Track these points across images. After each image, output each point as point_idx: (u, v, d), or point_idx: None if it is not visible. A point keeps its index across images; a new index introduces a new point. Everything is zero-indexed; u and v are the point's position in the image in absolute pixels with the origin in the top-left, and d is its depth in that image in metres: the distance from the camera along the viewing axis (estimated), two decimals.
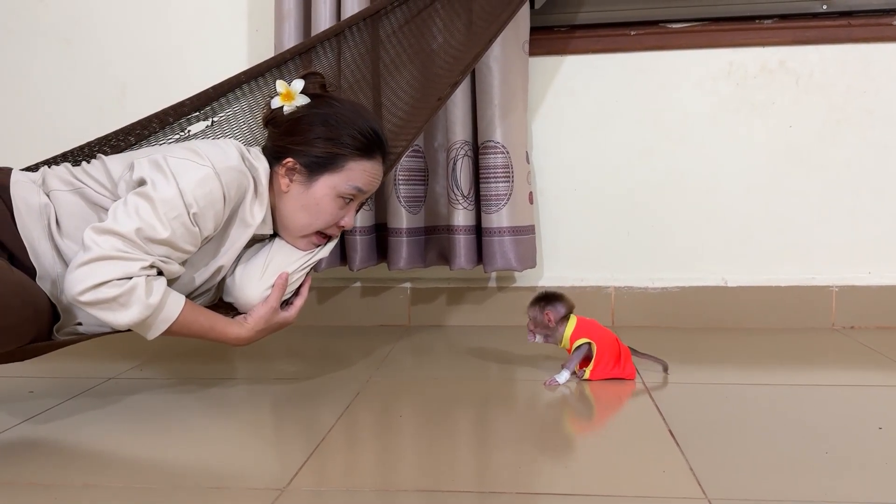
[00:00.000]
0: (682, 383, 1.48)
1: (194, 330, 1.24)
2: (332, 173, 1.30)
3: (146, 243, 1.14)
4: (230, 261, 1.31)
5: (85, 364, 1.67)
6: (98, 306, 1.13)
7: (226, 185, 1.20)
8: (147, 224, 1.14)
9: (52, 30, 2.12)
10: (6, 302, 1.08)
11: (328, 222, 1.34)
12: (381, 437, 1.19)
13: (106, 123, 2.04)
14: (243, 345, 1.32)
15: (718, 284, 2.00)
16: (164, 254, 1.17)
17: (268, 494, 0.97)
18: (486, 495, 0.97)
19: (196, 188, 1.17)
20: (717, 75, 1.98)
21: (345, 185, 1.31)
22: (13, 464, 1.10)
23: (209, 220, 1.20)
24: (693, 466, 1.05)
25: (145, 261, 1.14)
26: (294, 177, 1.31)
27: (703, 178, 2.00)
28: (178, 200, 1.15)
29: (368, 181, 1.34)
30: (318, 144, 1.29)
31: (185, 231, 1.17)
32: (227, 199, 1.21)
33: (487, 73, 1.83)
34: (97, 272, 1.11)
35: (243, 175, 1.24)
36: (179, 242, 1.17)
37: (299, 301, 1.38)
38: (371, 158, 1.33)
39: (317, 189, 1.30)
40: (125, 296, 1.12)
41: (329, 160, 1.30)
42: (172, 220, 1.15)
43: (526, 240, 1.90)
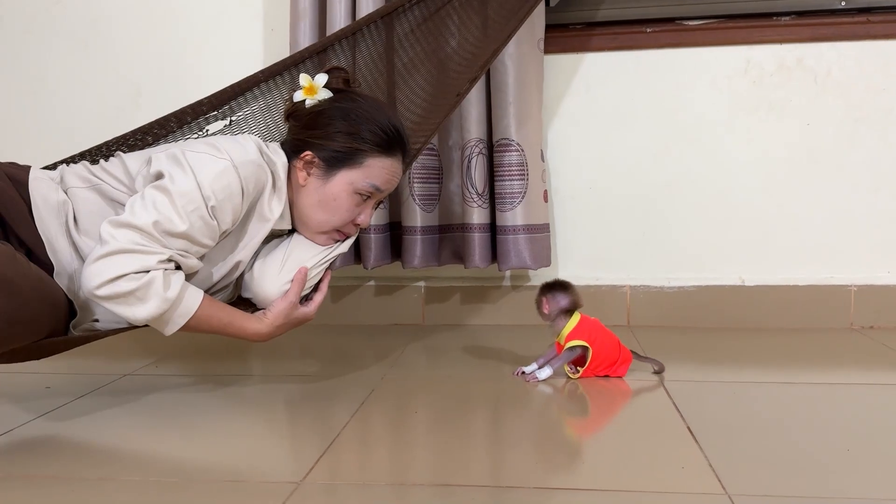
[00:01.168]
0: (699, 381, 1.47)
1: (213, 325, 1.23)
2: (351, 169, 1.29)
3: (164, 236, 1.13)
4: (248, 256, 1.30)
5: (101, 361, 1.67)
6: (115, 300, 1.12)
7: (244, 178, 1.19)
8: (165, 217, 1.13)
9: (69, 32, 2.13)
10: (24, 295, 1.08)
11: (345, 219, 1.32)
12: (396, 433, 1.19)
13: (122, 125, 2.05)
14: (263, 340, 1.31)
15: (736, 284, 1.98)
16: (182, 247, 1.16)
17: (284, 488, 0.97)
18: (502, 490, 0.96)
19: (214, 181, 1.16)
20: (734, 73, 1.97)
21: (362, 182, 1.29)
22: (30, 458, 1.10)
23: (227, 213, 1.19)
24: (712, 463, 1.04)
25: (163, 254, 1.13)
26: (312, 171, 1.30)
27: (720, 177, 1.98)
28: (196, 193, 1.15)
29: (387, 179, 1.32)
30: (337, 139, 1.28)
31: (203, 224, 1.16)
32: (246, 192, 1.21)
33: (503, 70, 1.83)
34: (114, 266, 1.10)
35: (261, 169, 1.23)
36: (197, 236, 1.17)
37: (319, 297, 1.38)
38: (391, 156, 1.31)
39: (334, 184, 1.29)
40: (142, 290, 1.11)
41: (348, 155, 1.28)
42: (190, 214, 1.14)
43: (541, 238, 1.89)
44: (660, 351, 1.68)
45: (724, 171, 1.98)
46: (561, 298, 1.44)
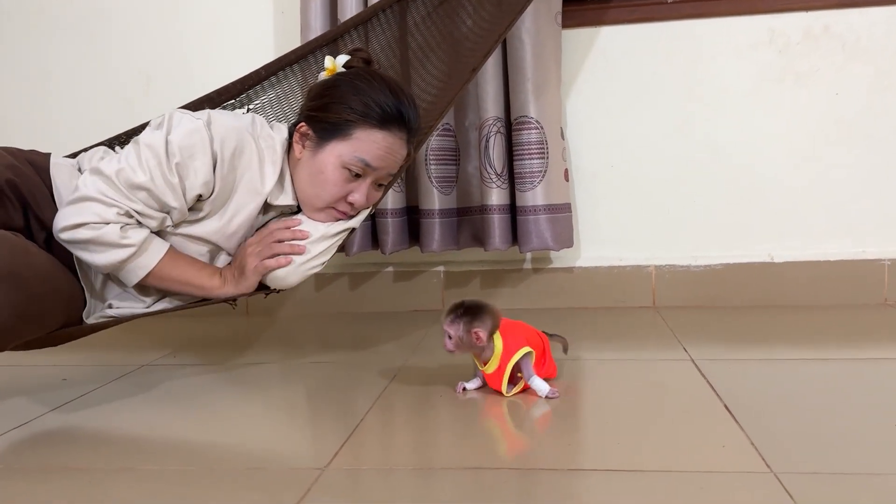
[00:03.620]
0: (733, 360, 1.42)
1: (176, 279, 1.20)
2: (339, 141, 1.22)
3: (127, 188, 1.13)
4: (244, 228, 1.25)
5: (117, 352, 1.65)
6: (76, 246, 1.14)
7: (216, 140, 1.16)
8: (128, 166, 1.14)
9: (76, 22, 2.10)
10: (33, 289, 1.07)
11: (333, 195, 1.25)
12: (419, 418, 1.15)
13: (132, 114, 2.02)
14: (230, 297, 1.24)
15: (765, 261, 1.92)
16: (144, 201, 1.14)
17: (308, 474, 0.93)
18: (534, 472, 0.92)
19: (182, 139, 1.15)
20: (758, 43, 1.90)
21: (350, 156, 1.22)
22: (48, 449, 1.08)
23: (192, 172, 1.15)
24: (754, 441, 0.99)
25: (121, 208, 1.13)
26: (306, 143, 1.25)
27: (746, 151, 1.92)
28: (160, 148, 1.14)
29: (378, 155, 1.23)
30: (330, 109, 1.23)
31: (163, 181, 1.14)
32: (217, 155, 1.17)
33: (519, 46, 1.78)
34: (77, 213, 1.12)
35: (241, 136, 1.20)
36: (158, 192, 1.14)
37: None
38: (384, 130, 1.23)
39: (322, 156, 1.23)
40: (98, 239, 1.12)
41: (338, 126, 1.22)
42: (153, 168, 1.14)
43: (562, 218, 1.84)
44: (689, 331, 1.64)
45: (749, 145, 1.92)
46: (490, 322, 1.20)
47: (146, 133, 1.17)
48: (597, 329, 1.73)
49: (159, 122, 1.18)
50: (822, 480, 0.87)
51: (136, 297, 1.23)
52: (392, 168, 1.28)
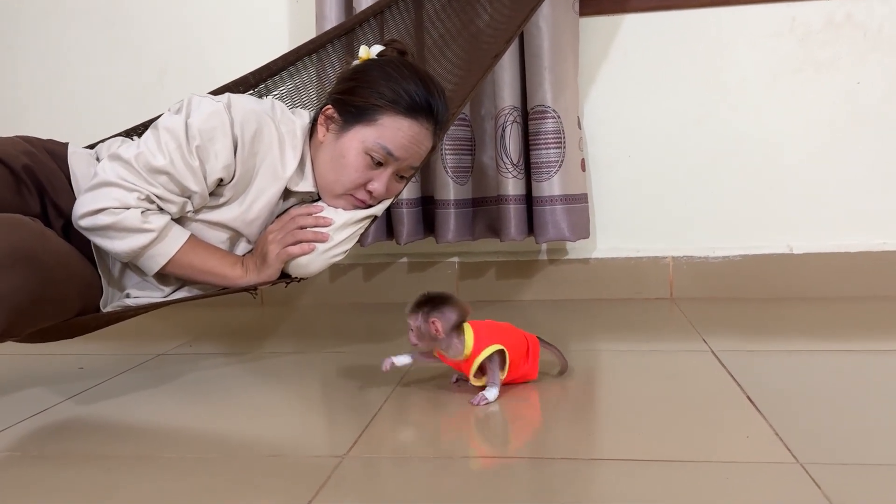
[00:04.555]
0: (753, 351, 1.40)
1: (196, 268, 1.18)
2: (364, 126, 1.20)
3: (147, 172, 1.12)
4: (264, 214, 1.23)
5: (133, 341, 1.65)
6: (95, 233, 1.13)
7: (236, 122, 1.15)
8: (148, 150, 1.13)
9: (92, 12, 2.10)
10: (51, 273, 1.06)
11: (354, 181, 1.22)
12: (436, 407, 1.14)
13: (147, 104, 2.04)
14: (251, 286, 1.23)
15: (783, 252, 1.90)
16: (164, 185, 1.13)
17: (328, 462, 0.93)
18: (554, 461, 0.91)
19: (203, 122, 1.13)
20: (778, 32, 1.88)
21: (372, 141, 1.20)
22: (67, 436, 1.08)
23: (213, 156, 1.14)
24: (778, 432, 0.98)
25: (142, 192, 1.12)
26: (331, 126, 1.24)
27: (765, 141, 1.90)
28: (180, 131, 1.13)
29: (401, 144, 1.21)
30: (357, 92, 1.22)
31: (184, 164, 1.13)
32: (238, 138, 1.16)
33: (536, 34, 1.76)
34: (97, 199, 1.11)
35: (262, 120, 1.19)
36: (179, 176, 1.13)
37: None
38: (410, 118, 1.20)
39: (345, 140, 1.21)
40: (118, 224, 1.11)
41: (364, 110, 1.20)
42: (172, 151, 1.12)
43: (579, 209, 1.82)
44: (708, 323, 1.62)
45: (769, 135, 1.90)
46: (450, 314, 1.15)
47: (165, 117, 1.16)
48: (613, 320, 1.72)
49: (178, 106, 1.17)
50: (850, 472, 0.86)
51: (155, 285, 1.22)
52: (415, 160, 1.26)
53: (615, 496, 0.82)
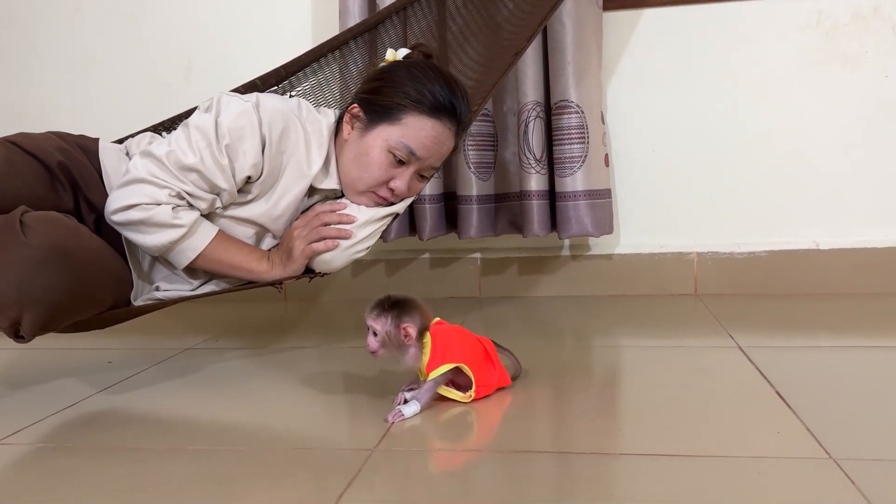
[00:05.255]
0: (782, 347, 1.39)
1: (224, 263, 1.21)
2: (389, 124, 1.21)
3: (178, 169, 1.14)
4: (290, 211, 1.25)
5: (160, 336, 1.66)
6: (127, 228, 1.15)
7: (264, 122, 1.17)
8: (178, 148, 1.15)
9: (118, 7, 2.12)
10: (86, 269, 1.08)
11: (377, 178, 1.23)
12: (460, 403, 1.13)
13: (172, 99, 2.05)
14: (277, 280, 1.24)
15: (810, 248, 1.88)
16: (195, 182, 1.15)
17: (359, 454, 0.93)
18: (584, 456, 0.91)
19: (232, 121, 1.15)
20: (805, 25, 1.86)
21: (396, 140, 1.21)
22: (97, 429, 1.09)
23: (242, 154, 1.16)
24: (810, 427, 0.97)
25: (173, 189, 1.14)
26: (355, 124, 1.25)
27: (791, 136, 1.88)
28: (210, 130, 1.15)
29: (424, 144, 1.22)
30: (383, 92, 1.23)
31: (213, 162, 1.15)
32: (266, 138, 1.18)
33: (560, 29, 1.75)
34: (129, 195, 1.14)
35: (288, 119, 1.20)
36: (209, 174, 1.15)
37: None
38: (433, 118, 1.21)
39: (370, 138, 1.23)
40: (150, 220, 1.13)
41: (388, 109, 1.21)
42: (202, 149, 1.15)
43: (602, 204, 1.82)
44: (734, 318, 1.61)
45: (795, 129, 1.88)
46: (419, 319, 1.08)
47: (195, 116, 1.18)
48: (637, 317, 1.71)
49: (208, 105, 1.19)
50: (884, 467, 0.85)
51: (184, 278, 1.24)
52: (437, 160, 1.27)
53: (644, 490, 0.82)
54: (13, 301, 1.01)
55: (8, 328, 1.05)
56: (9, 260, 1.01)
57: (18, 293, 1.01)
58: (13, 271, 1.01)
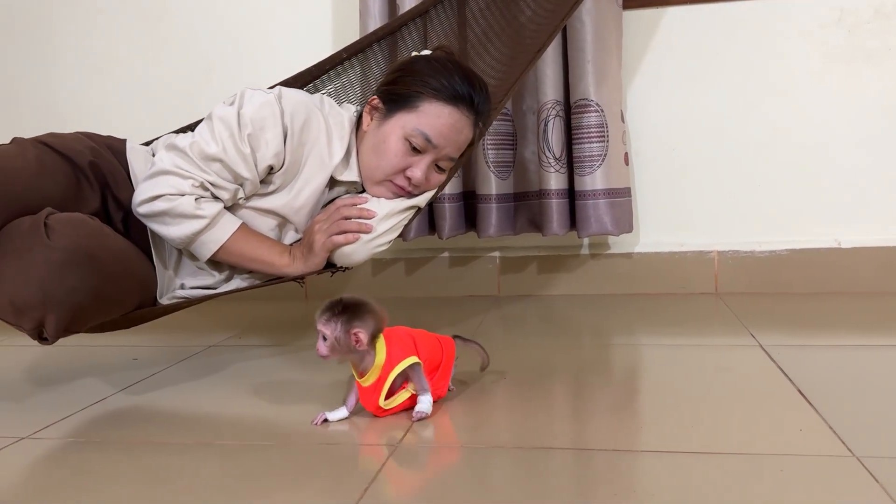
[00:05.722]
0: (803, 346, 1.39)
1: (245, 256, 1.21)
2: (406, 112, 1.23)
3: (201, 160, 1.17)
4: (311, 201, 1.26)
5: (184, 333, 1.69)
6: (152, 219, 1.17)
7: (286, 113, 1.20)
8: (202, 139, 1.17)
9: (140, 8, 2.14)
10: (109, 270, 1.09)
11: (393, 166, 1.24)
12: (481, 399, 1.15)
13: (194, 100, 2.08)
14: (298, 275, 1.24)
15: (831, 246, 1.87)
16: (218, 172, 1.17)
17: (384, 449, 0.95)
18: (608, 453, 0.91)
19: (255, 112, 1.18)
20: (826, 22, 1.85)
21: (412, 127, 1.22)
22: (125, 424, 1.11)
23: (264, 144, 1.18)
24: (832, 425, 0.97)
25: (197, 179, 1.16)
26: (374, 115, 1.27)
27: (812, 134, 1.87)
28: (233, 120, 1.17)
29: (440, 131, 1.22)
30: (401, 82, 1.25)
31: (236, 151, 1.17)
32: (288, 128, 1.20)
33: (580, 27, 1.75)
34: (154, 186, 1.16)
35: (311, 110, 1.23)
36: (231, 163, 1.17)
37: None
38: (450, 105, 1.22)
39: (387, 126, 1.24)
40: (173, 211, 1.15)
41: (406, 98, 1.23)
42: (225, 139, 1.17)
43: (622, 203, 1.82)
44: (755, 317, 1.61)
45: (817, 127, 1.87)
46: (371, 323, 1.03)
47: (218, 108, 1.21)
48: (657, 315, 1.71)
49: (232, 99, 1.21)
50: None
51: (208, 272, 1.25)
52: (453, 149, 1.27)
53: (666, 487, 0.82)
54: (37, 303, 1.02)
55: (32, 330, 1.05)
56: (33, 262, 1.02)
57: (42, 295, 1.02)
58: (37, 273, 1.02)
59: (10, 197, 1.08)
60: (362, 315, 1.02)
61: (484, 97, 1.26)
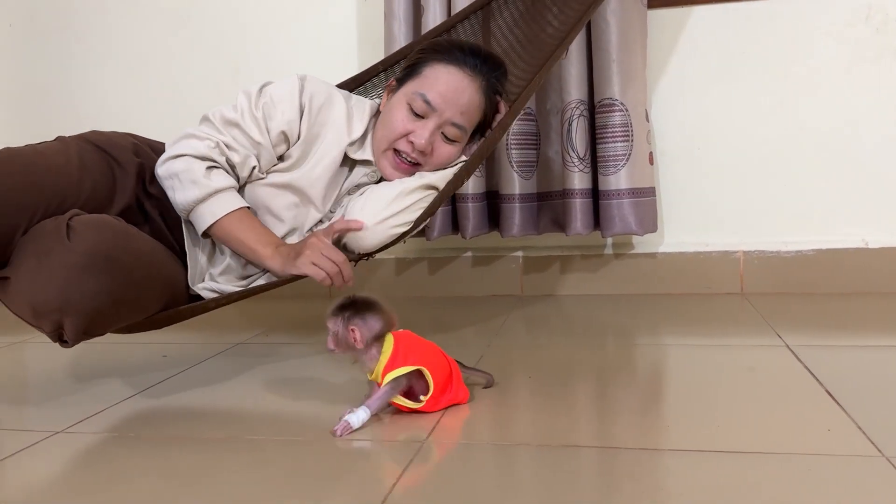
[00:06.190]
0: (830, 346, 1.38)
1: (235, 237, 1.20)
2: (411, 80, 1.28)
3: (221, 123, 1.22)
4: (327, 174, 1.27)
5: (212, 332, 1.71)
6: (166, 181, 1.20)
7: (306, 91, 1.25)
8: (225, 107, 1.24)
9: (169, 10, 2.18)
10: (132, 275, 1.08)
11: (395, 130, 1.25)
12: (506, 398, 1.16)
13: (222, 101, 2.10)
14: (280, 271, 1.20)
15: (858, 246, 1.85)
16: (235, 137, 1.22)
17: (412, 446, 0.96)
18: (620, 451, 0.92)
19: (275, 88, 1.25)
20: (854, 20, 1.83)
21: (412, 92, 1.25)
22: (157, 420, 1.13)
23: (278, 113, 1.23)
24: (861, 425, 0.96)
25: (213, 140, 1.20)
26: (389, 95, 1.32)
27: (839, 133, 1.86)
28: (254, 92, 1.25)
29: (440, 91, 1.23)
30: (412, 57, 1.32)
31: (251, 116, 1.23)
32: (306, 105, 1.25)
33: (605, 27, 1.75)
34: (176, 147, 1.20)
35: (332, 94, 1.29)
36: (246, 127, 1.22)
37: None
38: (452, 65, 1.25)
39: (394, 98, 1.29)
40: (185, 172, 1.18)
41: (413, 68, 1.29)
42: (244, 106, 1.23)
43: (646, 202, 1.81)
44: (779, 318, 1.60)
45: (844, 126, 1.85)
46: (374, 322, 1.05)
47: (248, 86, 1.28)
48: (682, 315, 1.71)
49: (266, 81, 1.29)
50: None
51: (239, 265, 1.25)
52: (455, 112, 1.25)
53: (693, 486, 0.82)
54: (55, 307, 1.01)
55: (51, 332, 1.05)
56: (52, 265, 1.01)
57: (61, 299, 1.01)
58: (55, 277, 1.01)
59: (48, 193, 1.10)
60: (364, 314, 1.05)
61: (491, 63, 1.29)
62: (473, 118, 1.29)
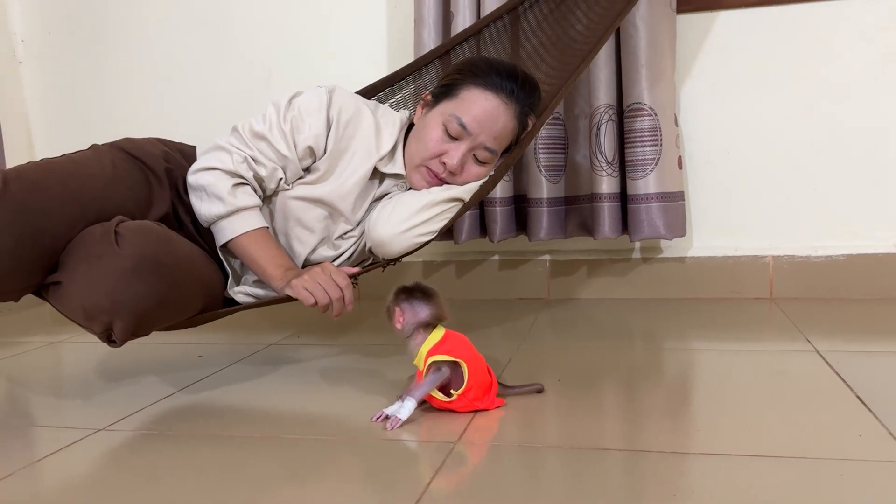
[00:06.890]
0: (861, 352, 1.37)
1: (250, 256, 1.22)
2: (448, 101, 1.29)
3: (250, 137, 1.25)
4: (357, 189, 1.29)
5: (245, 332, 1.75)
6: (193, 191, 1.23)
7: (334, 105, 1.27)
8: (255, 119, 1.26)
9: (202, 17, 2.22)
10: (174, 277, 1.12)
11: (429, 151, 1.28)
12: (535, 401, 1.17)
13: (254, 107, 2.14)
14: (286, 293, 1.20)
15: (890, 252, 1.83)
16: (262, 150, 1.24)
17: (444, 446, 0.98)
18: (649, 454, 0.93)
19: (303, 100, 1.27)
20: (886, 24, 1.81)
21: (448, 114, 1.27)
22: (194, 418, 1.16)
23: (306, 127, 1.25)
24: (892, 431, 0.96)
25: (241, 154, 1.23)
26: (424, 108, 1.33)
27: (870, 137, 1.84)
28: (283, 104, 1.27)
29: (475, 116, 1.25)
30: (448, 74, 1.33)
31: (279, 130, 1.25)
32: (333, 120, 1.26)
33: (633, 32, 1.76)
34: (206, 160, 1.23)
35: (360, 108, 1.29)
36: (273, 141, 1.24)
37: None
38: (489, 91, 1.26)
39: (430, 115, 1.31)
40: (212, 186, 1.21)
41: (449, 87, 1.30)
42: (272, 119, 1.25)
43: (675, 206, 1.82)
44: (809, 323, 1.59)
45: (875, 130, 1.84)
46: (421, 309, 1.09)
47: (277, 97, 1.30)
48: (711, 320, 1.70)
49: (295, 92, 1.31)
50: None
51: None
52: (488, 137, 1.27)
53: (723, 490, 0.83)
54: (105, 309, 1.06)
55: (101, 333, 1.10)
56: (102, 269, 1.06)
57: (110, 302, 1.05)
58: (106, 280, 1.05)
59: (86, 202, 1.14)
60: (414, 300, 1.10)
61: (528, 89, 1.29)
62: (505, 142, 1.32)
